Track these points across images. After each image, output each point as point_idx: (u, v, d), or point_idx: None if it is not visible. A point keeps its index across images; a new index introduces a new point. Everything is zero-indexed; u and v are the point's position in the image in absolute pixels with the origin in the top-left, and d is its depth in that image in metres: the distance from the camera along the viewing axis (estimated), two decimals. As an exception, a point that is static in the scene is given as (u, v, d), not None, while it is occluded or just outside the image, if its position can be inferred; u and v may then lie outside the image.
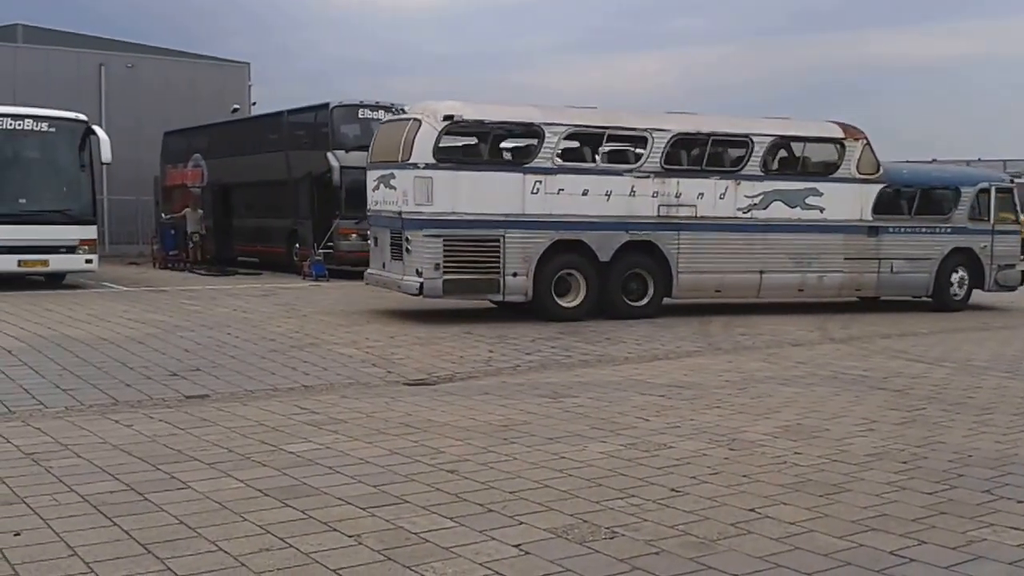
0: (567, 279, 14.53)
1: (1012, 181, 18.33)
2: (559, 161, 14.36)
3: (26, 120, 18.71)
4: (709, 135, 15.42)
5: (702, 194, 15.06)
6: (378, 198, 14.72)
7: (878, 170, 16.33)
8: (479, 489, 5.85)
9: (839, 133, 16.26)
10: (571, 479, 6.09)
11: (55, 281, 19.36)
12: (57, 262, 18.65)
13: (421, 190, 13.75)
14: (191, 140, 28.77)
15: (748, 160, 15.45)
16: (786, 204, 15.56)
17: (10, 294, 16.70)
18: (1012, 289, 17.75)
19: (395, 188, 14.13)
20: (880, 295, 16.91)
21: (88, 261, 18.90)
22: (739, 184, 15.32)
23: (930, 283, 16.85)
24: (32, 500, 5.43)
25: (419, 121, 14.01)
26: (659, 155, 14.87)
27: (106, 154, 19.01)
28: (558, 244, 14.31)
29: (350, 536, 4.98)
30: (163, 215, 28.51)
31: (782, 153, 16.35)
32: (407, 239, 13.94)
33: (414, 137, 13.87)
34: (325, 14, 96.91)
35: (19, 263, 18.15)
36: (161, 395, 8.60)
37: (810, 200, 15.71)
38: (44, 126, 18.88)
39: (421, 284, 13.77)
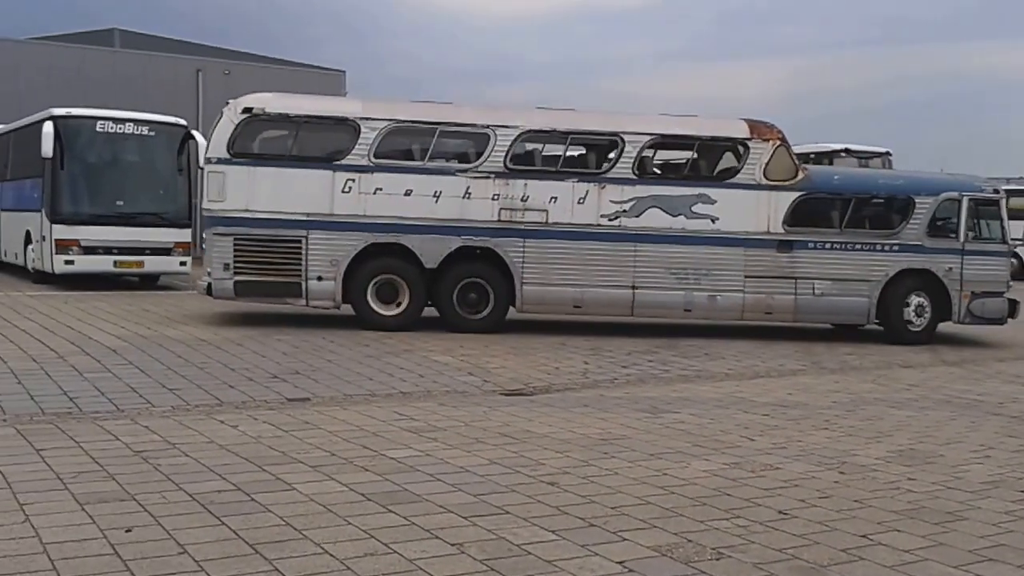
0: (395, 285, 13.65)
1: (996, 191, 15.15)
2: (375, 158, 13.39)
3: (127, 124, 19.12)
4: (567, 133, 13.88)
5: (555, 198, 13.55)
6: None
7: (795, 175, 14.03)
8: (580, 503, 5.77)
9: (743, 132, 14.06)
10: (674, 497, 5.98)
11: (149, 282, 19.83)
12: (152, 263, 19.02)
13: (214, 185, 13.34)
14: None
15: (617, 161, 13.74)
16: (666, 212, 13.68)
17: (106, 294, 17.18)
18: (998, 322, 14.68)
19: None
20: (800, 320, 14.52)
21: (182, 263, 19.28)
22: (604, 188, 13.64)
23: (870, 309, 14.21)
24: (142, 497, 5.51)
25: (223, 114, 13.58)
26: (502, 154, 13.53)
27: (203, 159, 19.43)
28: (375, 248, 13.43)
29: (452, 544, 4.95)
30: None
31: (663, 154, 14.82)
32: (203, 237, 13.63)
33: (213, 131, 13.57)
34: (419, 22, 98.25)
35: (115, 263, 18.58)
36: (263, 397, 8.70)
37: (699, 208, 13.73)
38: (144, 130, 19.26)
39: (209, 284, 13.44)
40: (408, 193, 13.39)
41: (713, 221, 13.77)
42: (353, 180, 13.32)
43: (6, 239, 21.78)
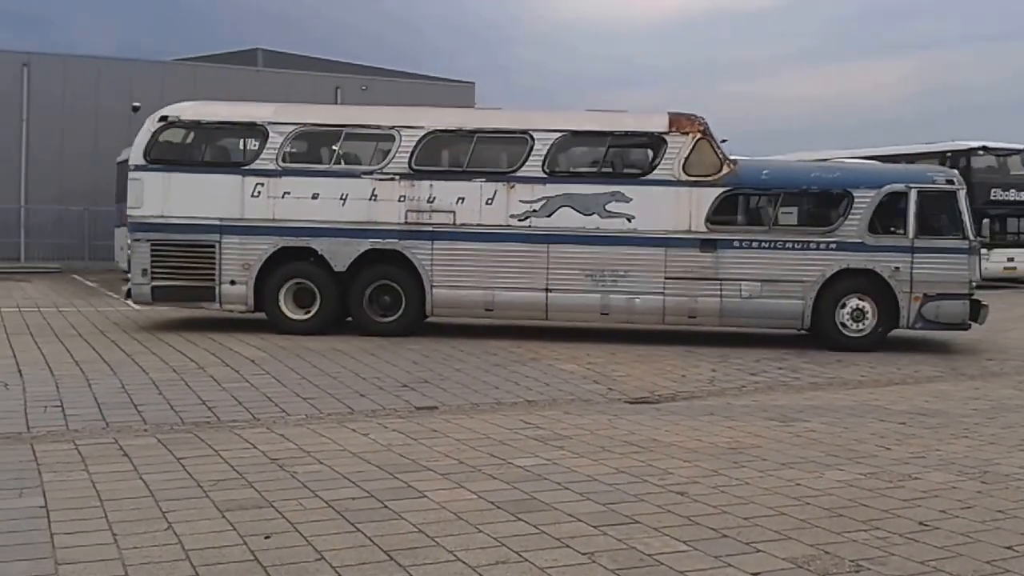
0: (309, 290, 13.65)
1: (951, 182, 13.52)
2: (284, 162, 13.54)
3: None
4: (473, 132, 13.67)
5: (462, 199, 13.31)
6: None
7: (720, 170, 13.19)
8: (711, 513, 5.70)
9: (660, 126, 13.35)
10: (808, 507, 5.84)
11: None
12: None
13: (133, 192, 13.66)
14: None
15: (525, 160, 13.36)
16: (578, 211, 13.19)
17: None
18: (958, 327, 13.34)
19: None
20: (727, 325, 13.67)
21: None
22: (513, 187, 13.29)
23: (805, 312, 13.15)
24: (280, 504, 5.66)
25: (144, 123, 13.94)
26: (407, 155, 13.43)
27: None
28: (286, 251, 13.52)
29: (583, 553, 4.95)
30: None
31: (574, 151, 14.31)
32: (127, 244, 13.92)
33: (135, 140, 13.98)
34: (545, 32, 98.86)
35: None
36: (393, 406, 8.85)
37: (613, 207, 13.18)
38: None
39: (128, 290, 13.86)
40: (316, 196, 13.49)
41: (629, 220, 13.23)
42: (262, 184, 13.50)
43: None
